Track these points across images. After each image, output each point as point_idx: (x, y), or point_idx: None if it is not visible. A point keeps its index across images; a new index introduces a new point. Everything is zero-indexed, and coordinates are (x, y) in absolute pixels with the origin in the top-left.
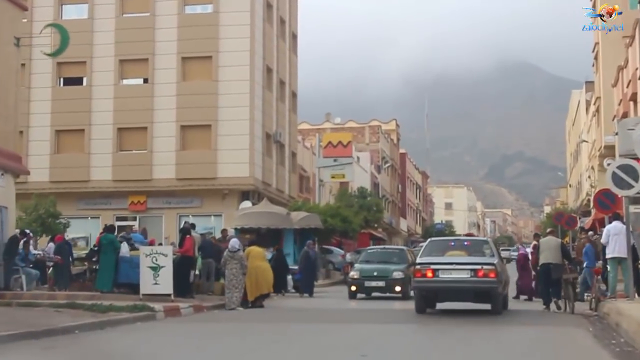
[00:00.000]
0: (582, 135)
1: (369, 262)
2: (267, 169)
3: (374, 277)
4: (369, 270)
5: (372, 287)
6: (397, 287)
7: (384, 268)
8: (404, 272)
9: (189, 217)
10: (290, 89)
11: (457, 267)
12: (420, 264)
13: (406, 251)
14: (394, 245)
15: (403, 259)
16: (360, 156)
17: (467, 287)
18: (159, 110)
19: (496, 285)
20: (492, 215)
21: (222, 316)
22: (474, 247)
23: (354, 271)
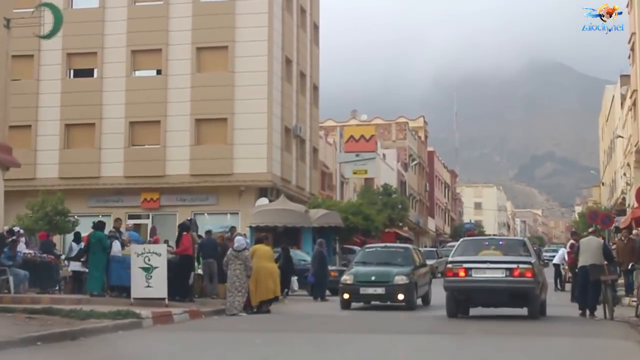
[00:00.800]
0: (617, 131)
1: (367, 264)
2: (286, 164)
3: (372, 283)
4: (366, 274)
5: (368, 295)
6: (400, 295)
7: (385, 271)
8: (409, 277)
9: (204, 215)
10: (311, 82)
11: (492, 266)
12: (452, 263)
13: (412, 250)
14: (423, 245)
15: (408, 260)
16: (387, 153)
17: (502, 287)
18: (173, 103)
19: (533, 286)
20: (522, 216)
21: (220, 323)
22: (509, 246)
23: (348, 275)
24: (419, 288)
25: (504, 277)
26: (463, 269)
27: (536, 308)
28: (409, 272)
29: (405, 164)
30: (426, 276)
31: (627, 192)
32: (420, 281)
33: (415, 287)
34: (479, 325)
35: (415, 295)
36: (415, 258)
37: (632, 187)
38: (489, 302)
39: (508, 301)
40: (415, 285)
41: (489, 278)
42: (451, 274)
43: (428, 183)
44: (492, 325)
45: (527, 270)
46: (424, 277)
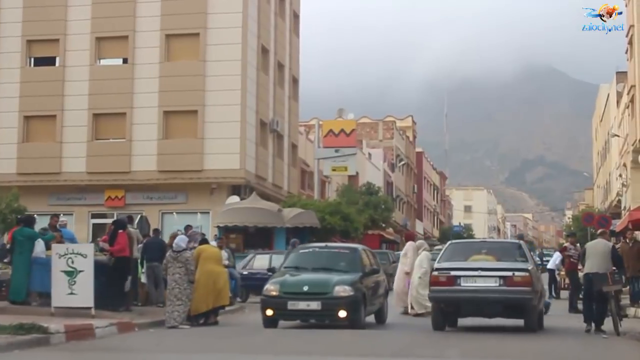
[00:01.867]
0: (613, 131)
1: (300, 270)
2: (262, 161)
3: (304, 295)
4: (297, 283)
5: (299, 312)
6: (342, 312)
7: (322, 279)
8: (355, 287)
9: (172, 214)
10: (290, 73)
11: (483, 274)
12: (438, 270)
13: (362, 252)
14: None
15: (355, 264)
16: (373, 153)
17: (495, 297)
18: (140, 94)
19: (530, 297)
20: (513, 219)
21: (148, 340)
22: (503, 250)
23: (272, 284)
24: (369, 302)
25: (497, 287)
26: (450, 276)
27: (534, 320)
28: (355, 280)
29: (392, 164)
30: (380, 287)
31: (623, 194)
32: (372, 293)
33: (363, 300)
34: (463, 342)
35: (363, 312)
36: (366, 262)
37: (628, 189)
38: (480, 313)
39: (502, 312)
40: (363, 298)
41: (480, 287)
42: (437, 283)
43: (416, 184)
44: (480, 343)
45: (524, 279)
46: (377, 288)
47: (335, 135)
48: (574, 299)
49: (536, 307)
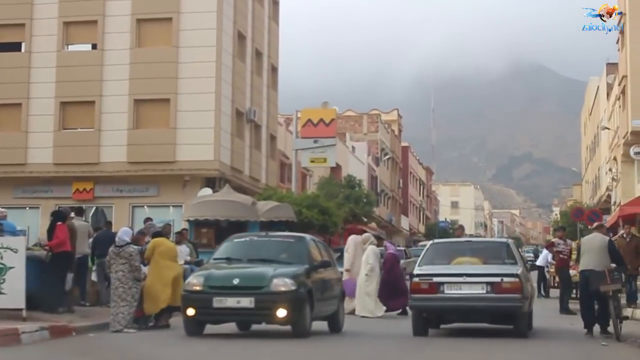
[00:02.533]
0: (603, 124)
1: (232, 262)
2: (238, 152)
3: (234, 290)
4: (225, 275)
5: (227, 310)
6: (281, 311)
7: (256, 272)
8: (299, 281)
9: (143, 207)
10: (269, 62)
11: (469, 280)
12: (419, 276)
13: (309, 242)
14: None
15: (301, 255)
16: (357, 146)
17: (481, 306)
18: (109, 82)
19: (520, 304)
20: (500, 216)
21: (81, 346)
22: (490, 251)
23: (195, 277)
24: (317, 302)
25: (484, 294)
26: (432, 283)
27: (524, 326)
28: (298, 273)
29: (377, 158)
30: (333, 286)
31: (613, 189)
32: (321, 292)
33: (308, 298)
34: (443, 353)
35: (308, 313)
36: (315, 254)
37: (618, 183)
38: (466, 320)
39: (490, 320)
40: (309, 296)
41: (465, 295)
42: (418, 290)
43: (401, 179)
44: (463, 355)
45: (513, 285)
46: (328, 286)
47: (314, 125)
48: (565, 299)
49: (526, 314)
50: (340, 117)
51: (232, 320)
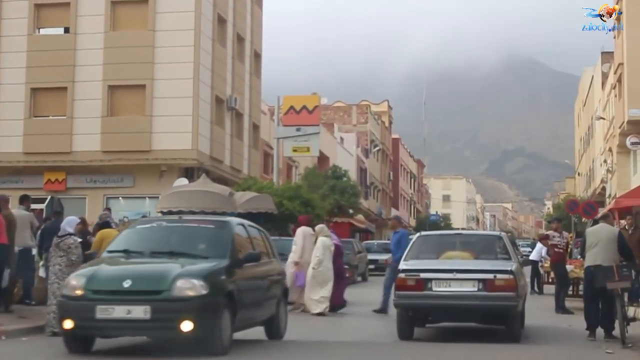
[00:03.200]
0: (598, 114)
1: (130, 255)
2: (218, 141)
3: (123, 296)
4: (114, 275)
5: (115, 323)
6: (187, 324)
7: (155, 270)
8: (214, 281)
9: (118, 198)
10: (252, 47)
11: (459, 276)
12: (405, 272)
13: (234, 228)
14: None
15: (221, 246)
16: (345, 137)
17: (473, 305)
18: (83, 67)
19: (515, 303)
20: (492, 210)
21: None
22: (482, 245)
23: (75, 277)
24: (243, 308)
25: (475, 292)
26: (419, 279)
27: (517, 327)
28: (213, 271)
29: (366, 150)
30: (272, 284)
31: (608, 181)
32: (250, 293)
33: (229, 304)
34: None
35: (226, 323)
36: (242, 243)
37: (613, 175)
38: (455, 320)
39: (480, 319)
40: (229, 301)
41: (455, 293)
42: (404, 287)
43: (392, 172)
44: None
45: (507, 282)
46: (261, 285)
47: (296, 113)
48: (561, 297)
49: (520, 313)
50: (329, 108)
51: (121, 335)
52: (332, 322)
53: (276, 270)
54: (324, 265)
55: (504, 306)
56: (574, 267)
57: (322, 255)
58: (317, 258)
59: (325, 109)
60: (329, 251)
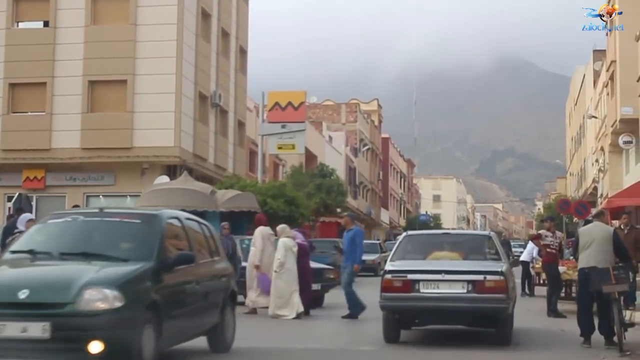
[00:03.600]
0: (589, 113)
1: (36, 257)
2: (201, 139)
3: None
4: (6, 285)
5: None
6: (96, 344)
7: (57, 279)
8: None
9: (99, 197)
10: (237, 43)
11: (448, 277)
12: (391, 273)
13: (164, 223)
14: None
15: (146, 245)
16: (334, 136)
17: (462, 307)
18: (62, 62)
19: (505, 305)
20: (483, 210)
21: None
22: (471, 245)
23: None
24: (171, 320)
25: (465, 294)
26: (407, 281)
27: (507, 330)
28: (132, 278)
29: (355, 149)
30: (217, 290)
31: (600, 180)
32: (182, 302)
33: (153, 317)
34: None
35: (148, 341)
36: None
37: (605, 174)
38: (444, 322)
39: (469, 322)
40: (154, 314)
41: (443, 295)
42: (390, 289)
43: (381, 171)
44: None
45: (497, 283)
46: (202, 293)
47: (281, 109)
48: (554, 300)
49: (511, 316)
50: (317, 107)
51: (16, 357)
52: (307, 327)
53: (220, 272)
54: (287, 267)
55: (494, 308)
56: (566, 268)
57: (283, 257)
58: (279, 260)
59: (314, 107)
60: (292, 252)
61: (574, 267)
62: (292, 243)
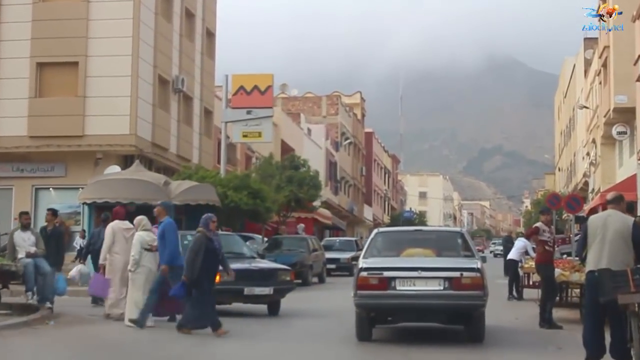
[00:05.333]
0: (580, 103)
1: None
2: (162, 127)
3: None
4: None
5: None
6: None
7: None
8: None
9: (48, 189)
10: (203, 25)
11: (424, 274)
12: (367, 270)
13: None
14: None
15: None
16: (313, 129)
17: (439, 304)
18: (8, 42)
19: (482, 302)
20: (470, 207)
21: None
22: (444, 242)
23: None
24: None
25: (441, 290)
26: (382, 278)
27: (481, 327)
28: None
29: (336, 143)
30: None
31: (591, 174)
32: None
33: None
34: None
35: None
36: None
37: (597, 168)
38: (419, 320)
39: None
40: None
41: (420, 292)
42: (366, 286)
43: (365, 167)
44: None
45: (474, 280)
46: None
47: (247, 93)
48: (548, 307)
49: (484, 313)
50: (297, 99)
51: None
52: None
53: None
54: (142, 265)
55: (471, 305)
56: (561, 268)
57: (138, 255)
58: (134, 258)
59: (293, 99)
60: (140, 248)
61: (571, 267)
62: (151, 237)
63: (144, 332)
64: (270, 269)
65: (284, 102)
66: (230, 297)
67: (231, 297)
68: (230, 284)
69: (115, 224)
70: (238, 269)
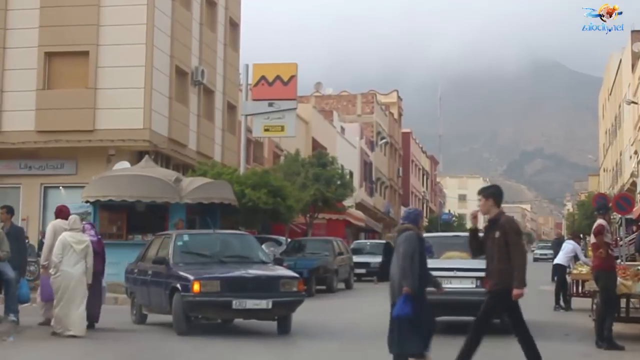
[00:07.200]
0: (628, 98)
1: None
2: (179, 121)
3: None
4: None
5: None
6: None
7: None
8: None
9: (58, 188)
10: (226, 14)
11: (459, 274)
12: None
13: None
14: None
15: None
16: (347, 127)
17: (471, 300)
18: (15, 31)
19: None
20: (511, 211)
21: None
22: None
23: None
24: None
25: (474, 288)
26: None
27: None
28: None
29: (372, 142)
30: None
31: (639, 174)
32: None
33: None
34: None
35: None
36: None
37: None
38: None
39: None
40: None
41: (455, 289)
42: None
43: (402, 167)
44: None
45: None
46: None
47: (269, 84)
48: (607, 323)
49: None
50: (331, 97)
51: None
52: None
53: None
54: (64, 270)
55: None
56: (621, 275)
57: (58, 258)
58: (53, 262)
59: (327, 97)
60: (74, 251)
61: (634, 276)
62: (77, 238)
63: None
64: (268, 277)
65: (317, 100)
66: (215, 311)
67: (216, 311)
68: (215, 295)
69: (56, 222)
70: (225, 276)
